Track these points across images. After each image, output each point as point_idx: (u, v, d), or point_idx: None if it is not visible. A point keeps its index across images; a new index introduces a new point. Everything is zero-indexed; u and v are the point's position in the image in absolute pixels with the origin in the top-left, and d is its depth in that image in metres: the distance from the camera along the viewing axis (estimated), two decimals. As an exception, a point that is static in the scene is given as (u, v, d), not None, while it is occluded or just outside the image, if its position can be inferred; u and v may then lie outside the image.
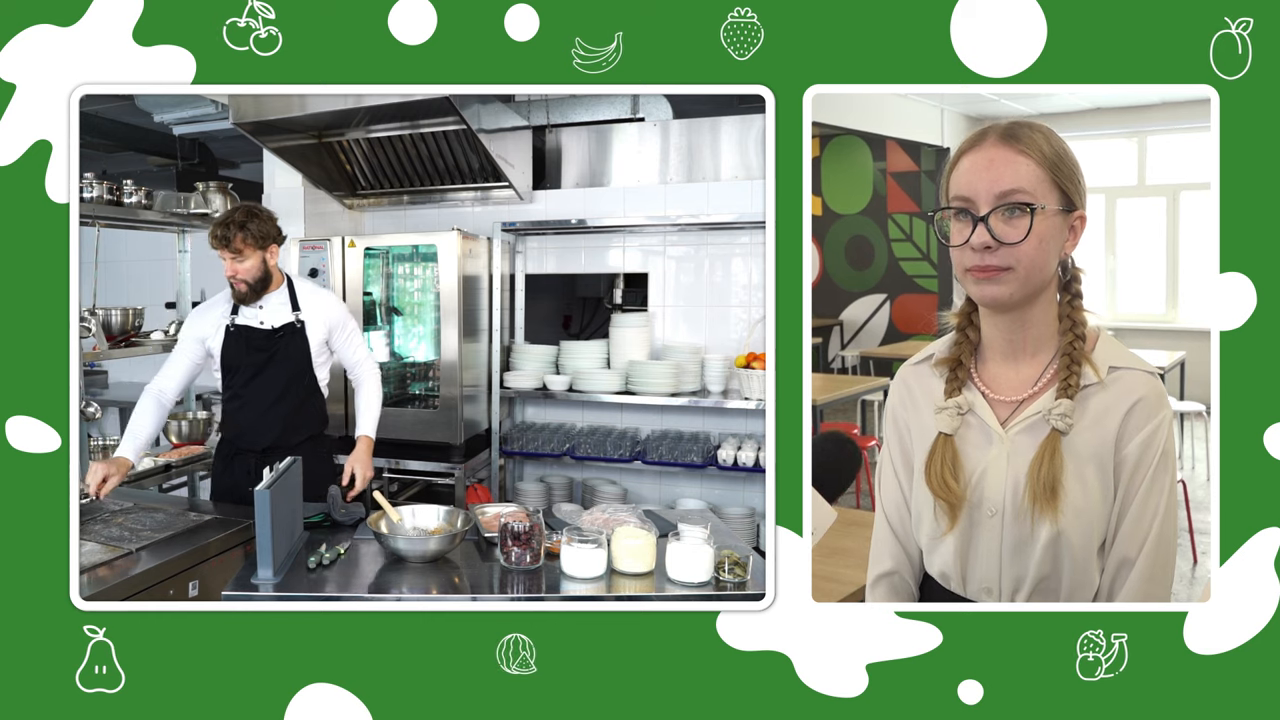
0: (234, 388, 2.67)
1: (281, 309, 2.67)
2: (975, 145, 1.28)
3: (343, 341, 2.76)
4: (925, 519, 1.37)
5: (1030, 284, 1.26)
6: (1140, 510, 1.26)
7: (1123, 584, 1.28)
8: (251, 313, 2.65)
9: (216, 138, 5.51)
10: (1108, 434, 1.26)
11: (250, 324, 2.65)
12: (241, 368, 2.65)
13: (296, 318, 2.67)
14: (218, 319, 2.67)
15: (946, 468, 1.32)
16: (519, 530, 2.00)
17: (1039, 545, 1.28)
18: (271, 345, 2.65)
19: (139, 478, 3.10)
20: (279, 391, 2.65)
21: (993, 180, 1.24)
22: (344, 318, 2.77)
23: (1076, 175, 1.27)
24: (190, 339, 2.67)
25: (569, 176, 4.12)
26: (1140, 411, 1.26)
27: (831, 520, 1.72)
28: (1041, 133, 1.26)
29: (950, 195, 1.28)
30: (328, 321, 2.72)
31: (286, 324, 2.66)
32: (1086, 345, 1.29)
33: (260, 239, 2.58)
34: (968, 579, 1.35)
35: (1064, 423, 1.26)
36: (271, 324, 2.65)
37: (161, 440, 4.00)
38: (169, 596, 2.07)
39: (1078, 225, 1.28)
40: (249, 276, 2.59)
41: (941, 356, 1.39)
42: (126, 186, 3.05)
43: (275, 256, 2.65)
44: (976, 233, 1.24)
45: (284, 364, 2.66)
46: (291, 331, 2.66)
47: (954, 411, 1.34)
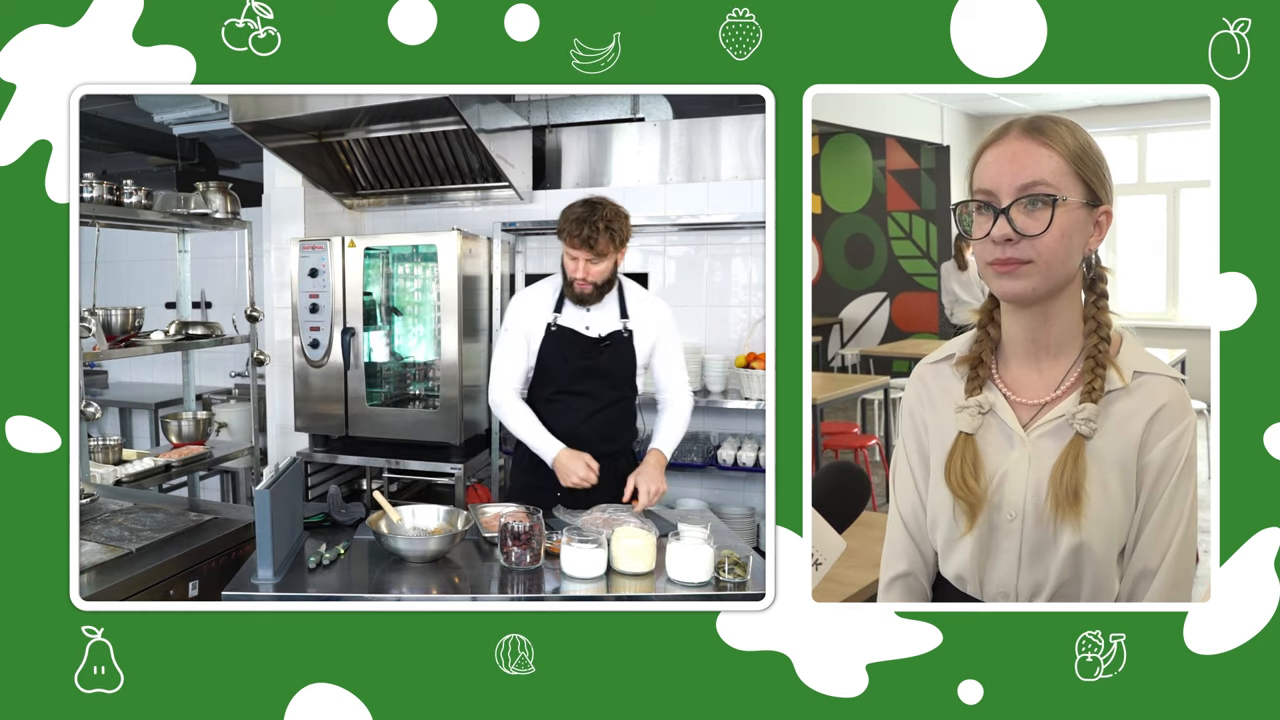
0: (550, 391, 2.51)
1: (610, 315, 2.49)
2: (999, 139, 1.27)
3: (663, 359, 2.54)
4: (942, 520, 1.35)
5: (1052, 279, 1.24)
6: (1163, 518, 1.25)
7: (1144, 593, 1.26)
8: (576, 314, 2.48)
9: (216, 138, 5.51)
10: (1131, 440, 1.25)
11: (574, 327, 2.48)
12: (561, 371, 2.49)
13: (624, 325, 2.49)
14: (541, 314, 2.50)
15: (967, 468, 1.30)
16: (519, 530, 2.00)
17: (1060, 551, 1.26)
18: (595, 353, 2.48)
19: (139, 477, 3.10)
20: (601, 402, 2.50)
21: (1015, 172, 1.23)
22: (672, 332, 2.55)
23: (1101, 169, 1.26)
24: (517, 333, 2.50)
25: (569, 176, 4.12)
26: (1164, 418, 1.25)
27: (841, 550, 1.70)
28: (1066, 125, 1.25)
29: (973, 189, 1.27)
30: (657, 332, 2.52)
31: (613, 332, 2.49)
32: (1111, 348, 1.28)
33: (622, 241, 2.41)
34: (985, 583, 1.33)
35: (1088, 427, 1.24)
36: (598, 331, 2.48)
37: (162, 440, 4.01)
38: (169, 596, 2.07)
39: (1103, 220, 1.27)
40: (599, 279, 2.43)
41: (963, 355, 1.37)
42: (126, 186, 3.05)
43: (624, 256, 2.48)
44: (997, 225, 1.23)
45: (607, 374, 2.50)
46: (618, 340, 2.49)
47: (975, 410, 1.32)
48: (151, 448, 4.27)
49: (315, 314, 3.77)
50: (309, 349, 3.77)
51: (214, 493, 4.18)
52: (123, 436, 4.09)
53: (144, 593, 1.99)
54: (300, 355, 3.79)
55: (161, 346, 3.20)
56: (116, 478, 3.03)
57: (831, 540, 1.69)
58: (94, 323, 2.94)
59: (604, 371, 2.49)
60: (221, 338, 3.41)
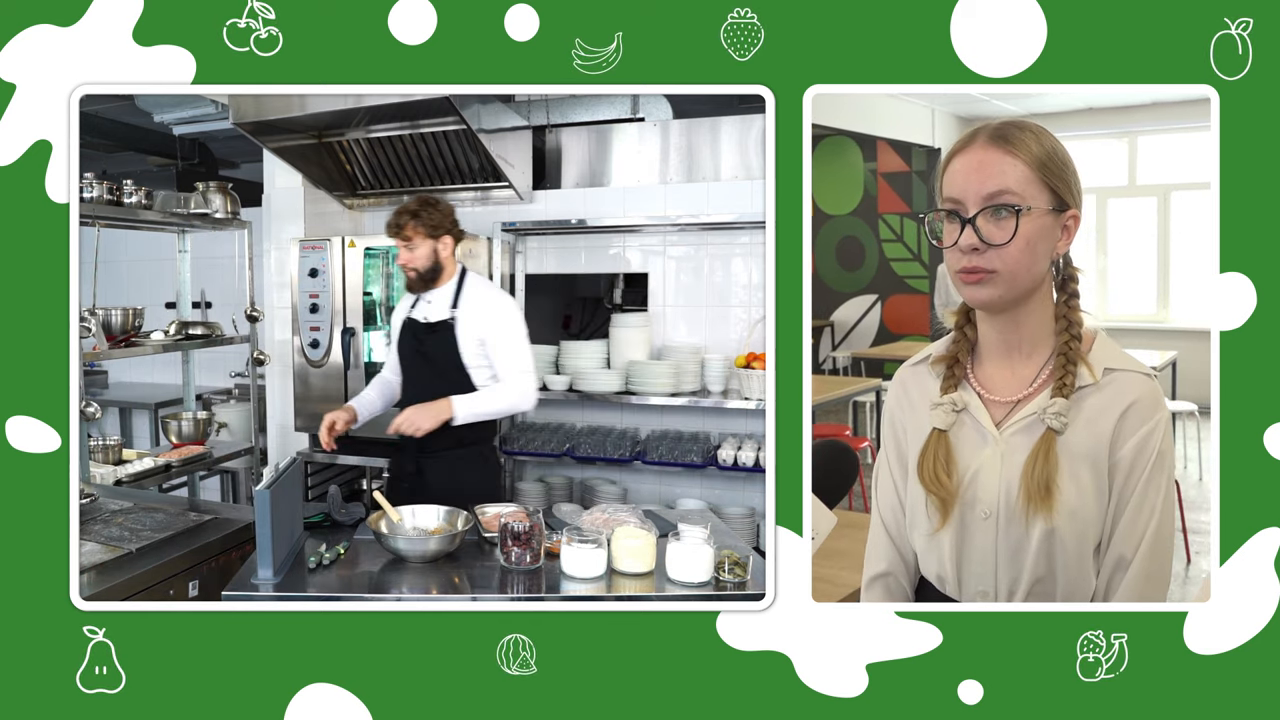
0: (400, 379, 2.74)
1: (443, 304, 2.63)
2: (966, 146, 1.27)
3: (497, 351, 2.60)
4: (920, 520, 1.37)
5: (1017, 286, 1.25)
6: (1136, 511, 1.26)
7: (1119, 584, 1.27)
8: (421, 304, 2.66)
9: (216, 138, 5.51)
10: (1102, 435, 1.26)
11: (416, 317, 2.66)
12: (404, 359, 2.69)
13: (452, 315, 2.61)
14: (406, 304, 2.72)
15: (939, 464, 1.32)
16: (519, 530, 2.00)
17: (1033, 545, 1.27)
18: (423, 338, 2.63)
19: (139, 477, 3.10)
20: (425, 387, 2.59)
21: (981, 181, 1.24)
22: (505, 326, 2.62)
23: (1068, 174, 1.26)
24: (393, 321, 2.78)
25: (569, 176, 4.12)
26: (1135, 414, 1.25)
27: (832, 525, 1.73)
28: (1032, 132, 1.25)
29: (943, 197, 1.28)
30: (484, 325, 2.60)
31: (441, 320, 2.62)
32: (1083, 345, 1.29)
33: (432, 228, 2.56)
34: (963, 583, 1.35)
35: (1059, 422, 1.26)
36: (429, 318, 2.63)
37: (162, 440, 4.01)
38: (169, 596, 2.07)
39: (1070, 225, 1.27)
40: (419, 265, 2.58)
41: (939, 355, 1.39)
42: (126, 186, 3.05)
43: (449, 249, 2.62)
44: (964, 234, 1.24)
45: (432, 362, 2.61)
46: (444, 328, 2.61)
47: (949, 408, 1.33)
48: (151, 448, 4.27)
49: (315, 314, 3.77)
50: (309, 349, 3.78)
51: (214, 493, 4.18)
52: (123, 436, 4.09)
53: (144, 593, 1.99)
54: (300, 355, 3.79)
55: (161, 346, 3.20)
56: (116, 478, 3.03)
57: (823, 515, 1.71)
58: (94, 323, 2.94)
59: (430, 357, 2.63)
60: (221, 338, 3.41)
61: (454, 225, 2.63)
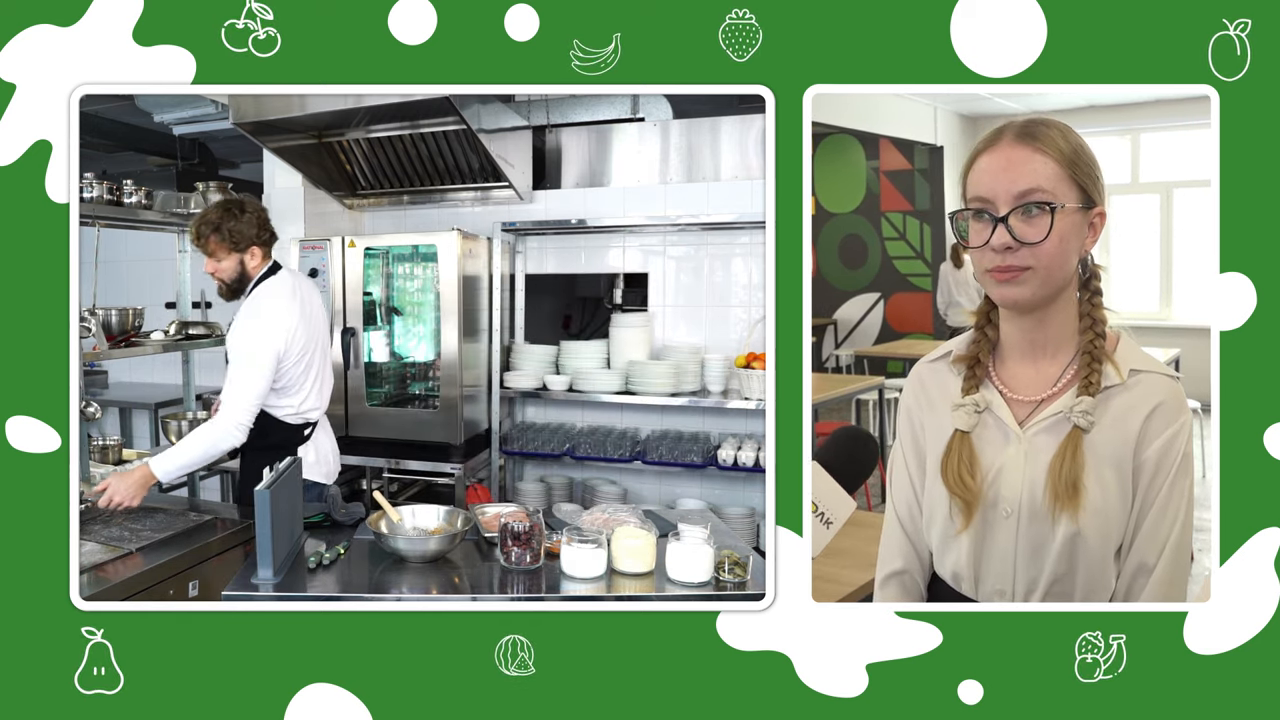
0: None
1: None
2: (992, 145, 1.27)
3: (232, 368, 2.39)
4: (938, 518, 1.36)
5: (1051, 283, 1.25)
6: (1160, 515, 1.25)
7: (1141, 589, 1.27)
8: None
9: (216, 138, 5.51)
10: (1128, 436, 1.25)
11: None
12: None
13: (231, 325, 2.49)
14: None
15: (964, 465, 1.31)
16: (519, 530, 2.00)
17: (1056, 545, 1.27)
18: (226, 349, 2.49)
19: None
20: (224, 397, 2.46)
21: (1011, 180, 1.23)
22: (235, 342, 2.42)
23: (1095, 171, 1.26)
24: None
25: (569, 176, 4.12)
26: (1161, 415, 1.25)
27: (851, 510, 1.69)
28: (1058, 129, 1.25)
29: (968, 196, 1.27)
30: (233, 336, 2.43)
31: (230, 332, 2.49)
32: (1107, 344, 1.29)
33: (235, 242, 2.42)
34: (980, 581, 1.34)
35: (1086, 420, 1.25)
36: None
37: (162, 440, 4.01)
38: (169, 596, 2.07)
39: (1097, 222, 1.27)
40: (224, 276, 2.48)
41: (959, 354, 1.38)
42: (126, 186, 3.05)
43: (257, 259, 2.48)
44: (996, 234, 1.23)
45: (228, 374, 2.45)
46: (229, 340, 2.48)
47: (971, 409, 1.33)
48: (151, 448, 4.27)
49: (315, 314, 3.75)
50: (309, 349, 3.76)
51: (214, 493, 4.17)
52: (123, 436, 4.08)
53: (144, 593, 1.99)
54: (300, 355, 3.78)
55: (161, 346, 3.20)
56: (116, 478, 3.02)
57: (841, 500, 1.68)
58: (94, 323, 2.94)
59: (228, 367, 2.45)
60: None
61: (261, 235, 2.45)
